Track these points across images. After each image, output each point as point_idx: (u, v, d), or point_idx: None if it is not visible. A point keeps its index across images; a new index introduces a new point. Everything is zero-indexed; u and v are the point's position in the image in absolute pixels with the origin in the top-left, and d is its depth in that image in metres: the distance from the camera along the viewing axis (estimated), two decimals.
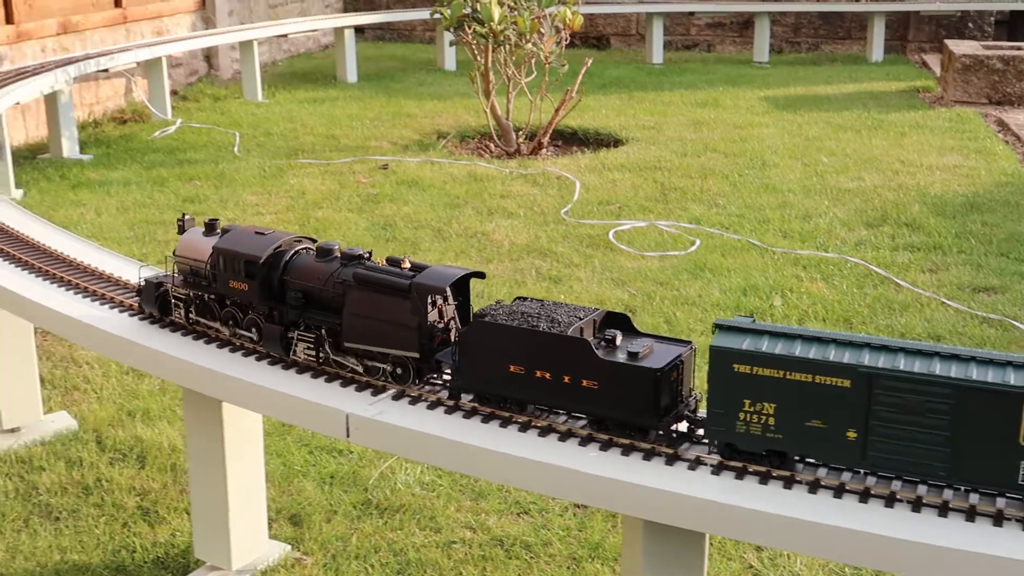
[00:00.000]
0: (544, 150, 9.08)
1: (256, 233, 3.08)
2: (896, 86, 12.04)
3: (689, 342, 2.58)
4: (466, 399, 2.70)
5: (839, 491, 2.28)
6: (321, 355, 2.91)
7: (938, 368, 2.20)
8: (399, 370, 2.78)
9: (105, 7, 10.72)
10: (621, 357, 2.49)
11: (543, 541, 3.57)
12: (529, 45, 8.46)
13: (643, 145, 9.09)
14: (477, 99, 10.21)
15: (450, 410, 2.68)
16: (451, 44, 9.79)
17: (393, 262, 2.86)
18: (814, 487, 2.30)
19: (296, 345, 2.94)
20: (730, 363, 2.35)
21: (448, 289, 2.75)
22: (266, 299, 2.99)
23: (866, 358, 2.26)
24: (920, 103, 11.00)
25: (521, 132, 9.17)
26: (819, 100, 11.22)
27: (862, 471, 2.31)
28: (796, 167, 8.30)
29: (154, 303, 3.25)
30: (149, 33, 11.45)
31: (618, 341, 2.55)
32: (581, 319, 2.58)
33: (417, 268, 2.82)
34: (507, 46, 8.57)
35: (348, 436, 2.70)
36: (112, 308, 3.44)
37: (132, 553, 3.49)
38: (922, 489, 2.28)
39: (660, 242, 6.56)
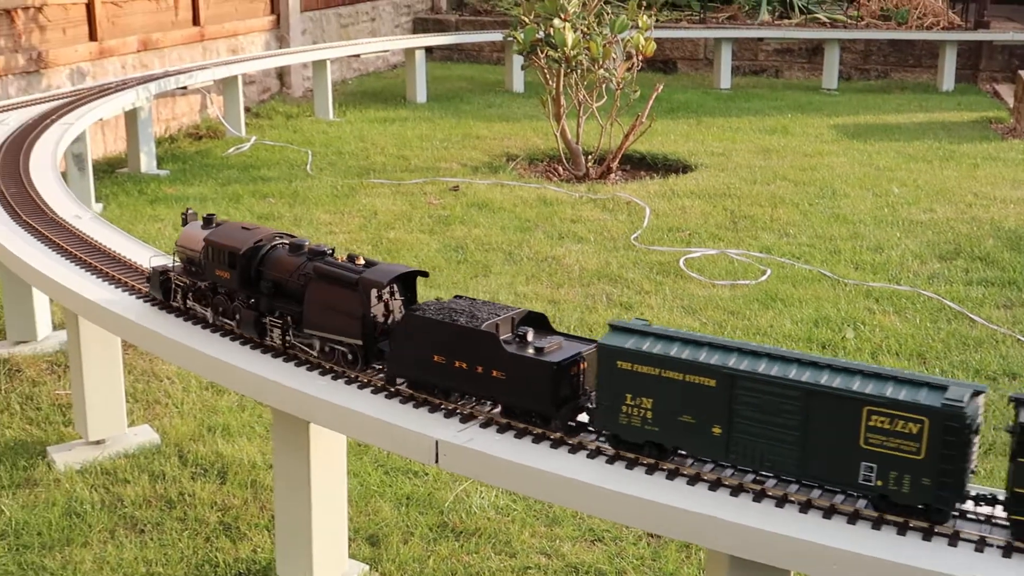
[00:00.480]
0: (613, 174, 9.12)
1: (243, 228, 3.45)
2: (968, 116, 11.94)
3: (594, 342, 2.76)
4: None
5: (928, 534, 2.29)
6: (287, 340, 3.23)
7: (792, 372, 2.41)
8: (349, 355, 3.07)
9: (184, 25, 10.93)
10: (526, 351, 2.75)
11: (617, 570, 3.60)
12: (602, 71, 8.50)
13: (712, 172, 9.10)
14: (546, 121, 10.28)
15: (537, 439, 2.73)
16: (523, 68, 9.87)
17: (351, 258, 3.18)
18: (903, 528, 2.31)
19: (270, 331, 3.28)
20: (614, 360, 2.58)
21: (393, 285, 3.10)
22: (245, 287, 3.33)
23: (731, 361, 2.47)
24: (993, 134, 10.90)
25: (590, 156, 9.22)
26: (889, 129, 11.15)
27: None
28: (867, 197, 8.26)
29: (159, 288, 3.63)
30: (225, 51, 11.65)
31: (529, 337, 2.81)
32: (499, 316, 2.86)
33: (369, 264, 3.16)
34: (579, 71, 8.63)
35: (437, 461, 2.75)
36: (202, 327, 3.53)
37: (215, 568, 3.57)
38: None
39: (731, 271, 6.57)
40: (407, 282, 3.13)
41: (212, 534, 3.76)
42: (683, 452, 2.58)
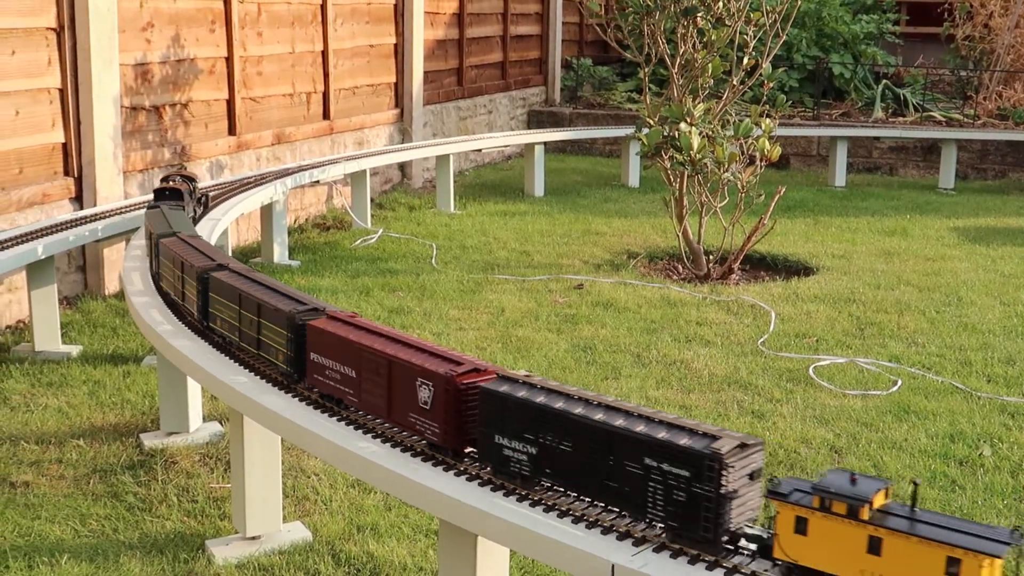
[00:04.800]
0: (734, 275, 9.19)
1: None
2: None
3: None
4: None
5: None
6: None
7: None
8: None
9: (315, 119, 11.35)
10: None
11: None
12: (727, 175, 8.62)
13: (835, 275, 9.12)
14: (664, 218, 10.42)
15: (711, 566, 2.80)
16: (645, 168, 10.04)
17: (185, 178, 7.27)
18: None
19: None
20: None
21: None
22: None
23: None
24: None
25: (711, 256, 9.31)
26: (1011, 233, 11.06)
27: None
28: (994, 306, 8.21)
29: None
30: (351, 143, 12.04)
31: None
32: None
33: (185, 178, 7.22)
34: (704, 173, 8.75)
35: None
36: (363, 432, 3.68)
37: None
38: None
39: (861, 380, 6.58)
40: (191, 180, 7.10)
41: None
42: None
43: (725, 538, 2.74)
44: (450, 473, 3.38)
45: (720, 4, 8.78)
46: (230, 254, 8.26)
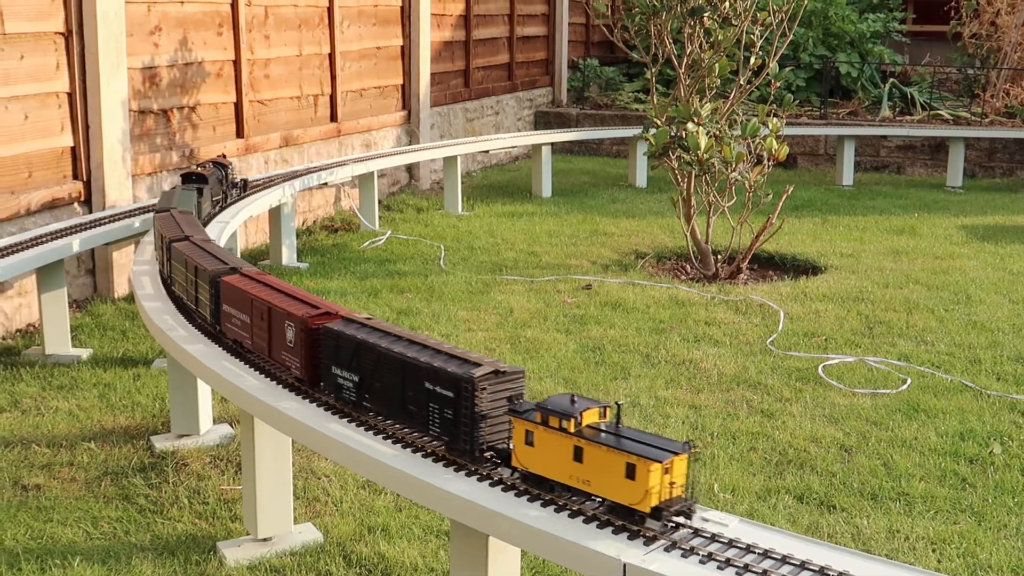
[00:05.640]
0: (742, 275, 9.19)
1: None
2: None
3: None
4: None
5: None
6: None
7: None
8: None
9: (322, 122, 11.37)
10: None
11: None
12: (735, 174, 8.62)
13: (843, 274, 9.11)
14: (671, 218, 10.43)
15: (722, 566, 2.81)
16: (652, 168, 10.04)
17: (217, 164, 7.65)
18: None
19: None
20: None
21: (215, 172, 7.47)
22: None
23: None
24: None
25: (719, 256, 9.30)
26: (1020, 231, 11.04)
27: None
28: (1003, 304, 8.20)
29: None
30: (359, 145, 12.06)
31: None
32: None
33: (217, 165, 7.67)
34: (711, 173, 8.75)
35: None
36: (374, 433, 3.69)
37: None
38: None
39: (870, 379, 6.57)
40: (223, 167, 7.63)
41: None
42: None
43: (489, 453, 3.28)
44: (461, 473, 3.38)
45: (727, 4, 8.78)
46: (239, 256, 8.27)
